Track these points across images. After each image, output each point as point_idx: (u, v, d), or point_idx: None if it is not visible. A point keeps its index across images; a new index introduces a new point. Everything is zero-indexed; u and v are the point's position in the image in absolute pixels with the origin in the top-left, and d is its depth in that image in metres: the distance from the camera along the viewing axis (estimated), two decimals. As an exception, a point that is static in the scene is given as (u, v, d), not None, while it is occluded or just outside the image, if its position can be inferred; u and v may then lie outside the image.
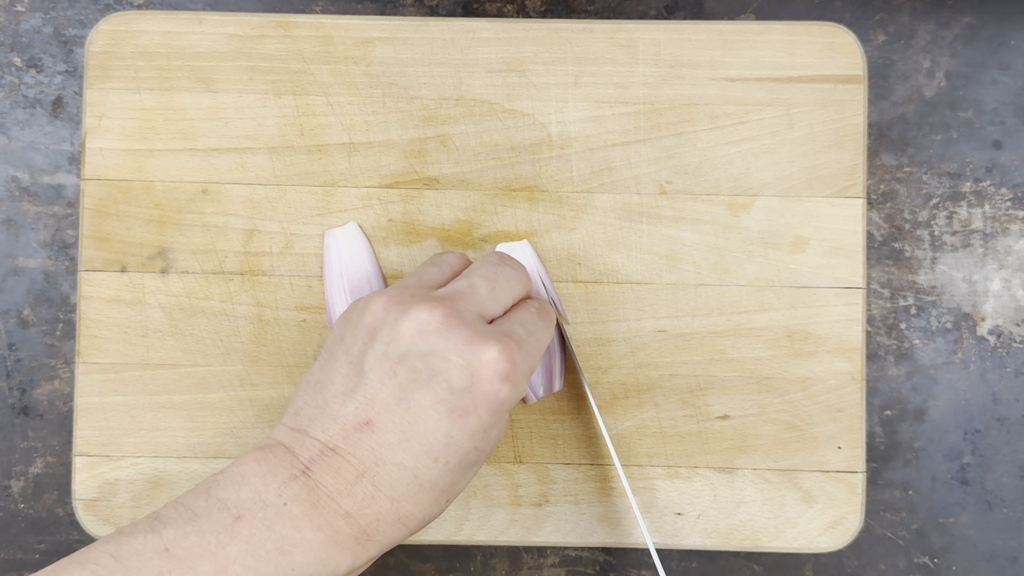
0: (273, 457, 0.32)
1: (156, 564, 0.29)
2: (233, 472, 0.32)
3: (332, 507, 0.31)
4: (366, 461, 0.32)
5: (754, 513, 0.43)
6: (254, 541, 0.30)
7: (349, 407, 0.32)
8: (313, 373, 0.35)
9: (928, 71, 0.46)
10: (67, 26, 0.46)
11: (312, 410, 0.33)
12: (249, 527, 0.30)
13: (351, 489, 0.32)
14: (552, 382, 0.42)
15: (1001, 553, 0.45)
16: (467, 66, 0.43)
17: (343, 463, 0.32)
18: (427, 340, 0.32)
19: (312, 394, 0.34)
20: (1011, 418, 0.45)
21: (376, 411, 0.32)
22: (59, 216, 0.45)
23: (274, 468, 0.32)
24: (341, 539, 0.31)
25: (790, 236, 0.43)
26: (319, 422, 0.33)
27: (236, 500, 0.31)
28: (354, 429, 0.32)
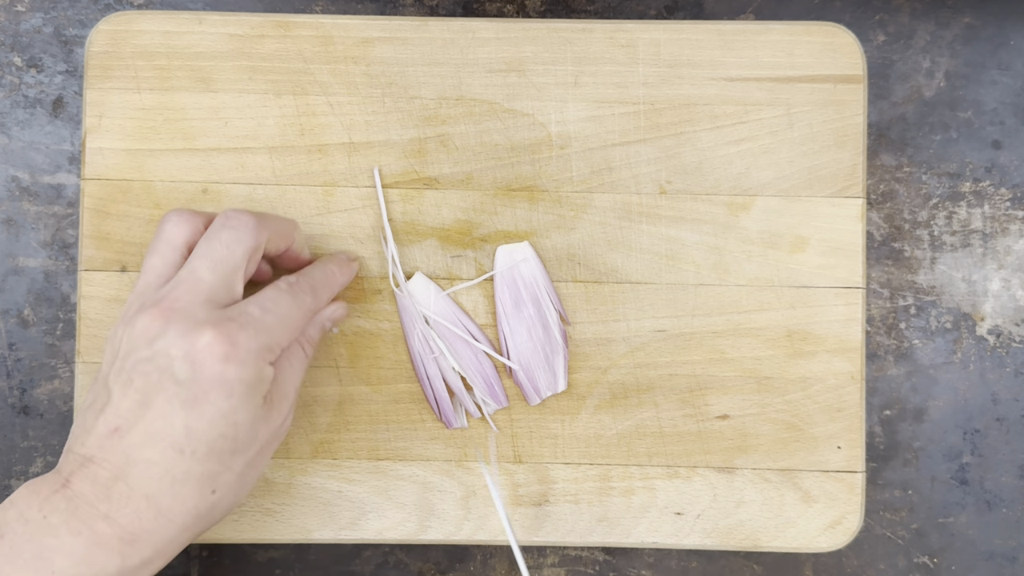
0: (41, 480, 0.34)
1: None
2: (5, 501, 0.34)
3: (91, 512, 0.32)
4: (118, 464, 0.33)
5: (754, 513, 0.43)
6: (12, 553, 0.32)
7: (100, 420, 0.34)
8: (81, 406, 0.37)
9: (928, 71, 0.46)
10: (67, 26, 0.46)
11: (76, 430, 0.35)
12: (9, 543, 0.32)
13: (107, 492, 0.33)
14: (556, 382, 0.42)
15: (1000, 553, 0.45)
16: (467, 66, 0.43)
17: (99, 470, 0.33)
18: (151, 344, 0.33)
19: (78, 418, 0.35)
20: (1010, 418, 0.45)
21: (123, 418, 0.33)
22: (59, 216, 0.46)
23: (38, 488, 0.33)
24: (103, 540, 0.32)
25: (790, 236, 0.43)
26: (79, 438, 0.34)
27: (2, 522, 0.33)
28: (105, 437, 0.33)
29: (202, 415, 0.33)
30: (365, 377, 0.43)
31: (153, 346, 0.33)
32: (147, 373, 0.33)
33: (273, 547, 0.45)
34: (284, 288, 0.37)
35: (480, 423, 0.43)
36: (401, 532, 0.43)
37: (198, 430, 0.33)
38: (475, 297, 0.43)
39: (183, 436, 0.33)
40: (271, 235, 0.37)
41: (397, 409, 0.43)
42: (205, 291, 0.35)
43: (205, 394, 0.33)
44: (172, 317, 0.34)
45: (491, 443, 0.43)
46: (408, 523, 0.43)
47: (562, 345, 0.43)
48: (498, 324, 0.43)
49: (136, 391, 0.33)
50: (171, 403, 0.33)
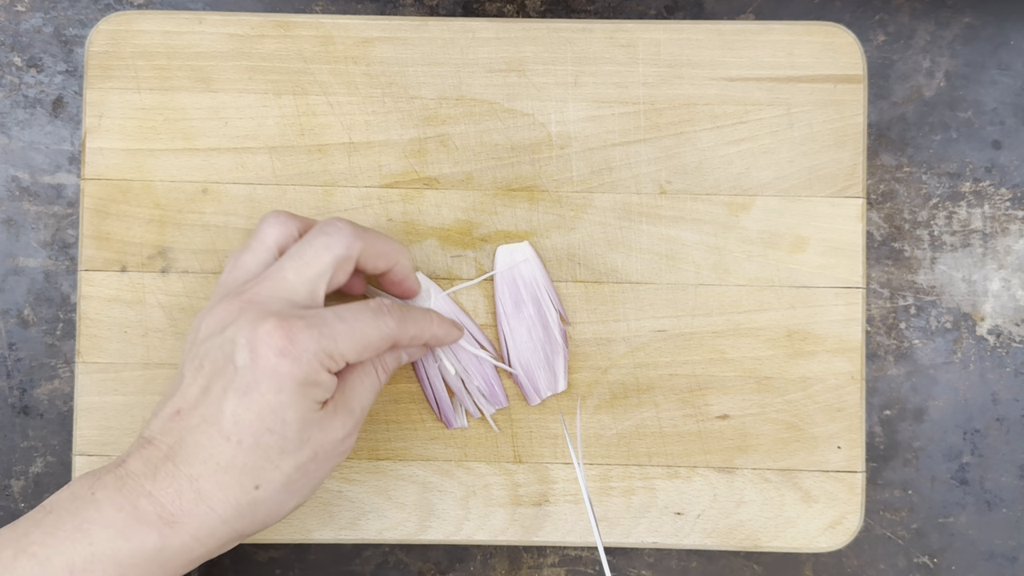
0: (102, 464, 0.35)
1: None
2: (66, 485, 0.35)
3: (136, 488, 0.33)
4: (171, 444, 0.34)
5: (754, 513, 0.43)
6: (55, 526, 0.32)
7: (168, 405, 0.35)
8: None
9: (928, 71, 0.46)
10: (67, 26, 0.46)
11: (150, 416, 0.36)
12: (56, 516, 0.33)
13: (155, 471, 0.33)
14: (556, 382, 0.42)
15: (1000, 553, 0.45)
16: (467, 66, 0.43)
17: (153, 450, 0.34)
18: (223, 330, 0.34)
19: (156, 406, 0.36)
20: (1010, 418, 0.45)
21: (186, 402, 0.34)
22: (59, 216, 0.45)
23: (97, 471, 0.34)
24: (144, 517, 0.33)
25: (790, 236, 0.43)
26: (148, 423, 0.35)
27: (54, 501, 0.34)
28: (167, 419, 0.34)
29: (251, 405, 0.33)
30: (365, 377, 0.43)
31: (224, 332, 0.34)
32: (215, 359, 0.34)
33: (273, 547, 0.45)
34: (371, 306, 0.36)
35: (480, 423, 0.43)
36: (401, 532, 0.43)
37: (246, 420, 0.33)
38: (475, 297, 0.43)
39: (231, 423, 0.33)
40: (367, 250, 0.37)
41: (397, 409, 0.43)
42: (286, 289, 0.35)
43: (257, 384, 0.33)
44: (247, 307, 0.34)
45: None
46: (408, 523, 0.43)
47: (562, 345, 0.43)
48: (498, 324, 0.43)
49: (203, 375, 0.34)
50: (226, 389, 0.33)
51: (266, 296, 0.35)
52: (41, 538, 0.32)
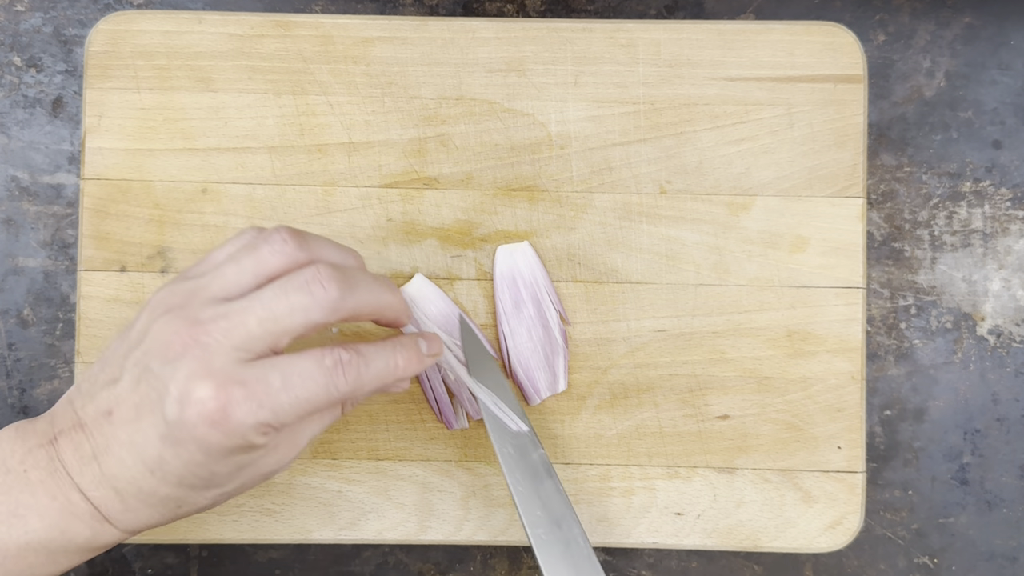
0: (31, 426, 0.34)
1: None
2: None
3: (67, 481, 0.33)
4: (100, 445, 0.33)
5: (754, 513, 0.43)
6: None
7: (104, 393, 0.33)
8: (108, 348, 0.35)
9: (928, 71, 0.46)
10: (67, 26, 0.46)
11: (87, 384, 0.34)
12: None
13: (84, 468, 0.33)
14: (556, 382, 0.42)
15: (1001, 553, 0.45)
16: (467, 66, 0.43)
17: (84, 441, 0.33)
18: (166, 361, 0.32)
19: (96, 369, 0.35)
20: (1011, 418, 0.45)
21: (118, 407, 0.33)
22: (59, 216, 0.45)
23: (25, 435, 0.33)
24: (77, 511, 0.32)
25: (790, 236, 0.43)
26: (84, 396, 0.34)
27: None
28: (101, 414, 0.33)
29: (176, 455, 0.32)
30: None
31: (164, 367, 0.31)
32: (150, 388, 0.32)
33: (273, 547, 0.45)
34: (327, 366, 0.32)
35: (480, 424, 0.43)
36: (401, 532, 0.43)
37: (172, 464, 0.32)
38: (475, 297, 0.43)
39: (156, 462, 0.32)
40: (357, 312, 0.33)
41: (397, 409, 0.43)
42: (243, 338, 0.31)
43: (183, 442, 0.31)
44: (192, 348, 0.31)
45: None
46: (408, 523, 0.43)
47: (562, 345, 0.42)
48: (498, 324, 0.43)
49: (137, 395, 0.32)
50: (154, 428, 0.32)
51: (217, 340, 0.31)
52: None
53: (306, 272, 0.33)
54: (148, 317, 0.33)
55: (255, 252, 0.33)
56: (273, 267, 0.33)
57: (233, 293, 0.33)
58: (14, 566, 0.32)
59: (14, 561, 0.32)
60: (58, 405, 0.35)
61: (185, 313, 0.32)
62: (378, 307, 0.34)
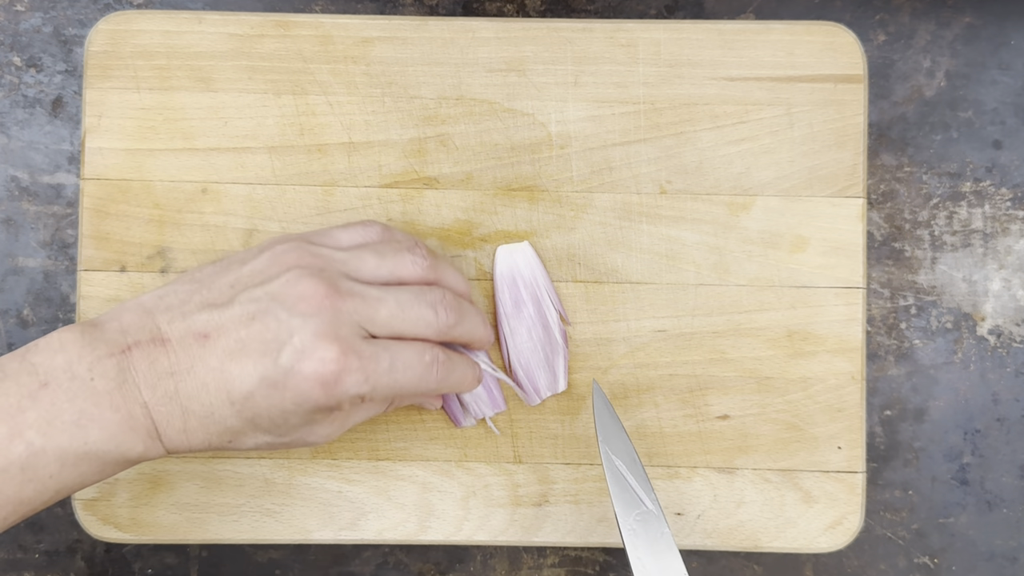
0: (98, 332, 0.33)
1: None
2: (54, 338, 0.33)
3: (134, 393, 0.33)
4: (182, 364, 0.33)
5: (754, 513, 0.43)
6: (54, 411, 0.32)
7: (202, 316, 0.34)
8: (202, 271, 0.36)
9: (928, 71, 0.46)
10: (67, 25, 0.46)
11: (174, 299, 0.35)
12: (52, 395, 0.32)
13: (156, 383, 0.33)
14: (556, 382, 0.42)
15: (1001, 553, 0.45)
16: (467, 66, 0.43)
17: (163, 357, 0.33)
18: (294, 312, 0.33)
19: (187, 287, 0.35)
20: (1011, 418, 0.45)
21: (218, 334, 0.33)
22: (59, 216, 0.45)
23: (94, 342, 0.33)
24: (136, 426, 0.33)
25: (790, 236, 0.43)
26: (171, 312, 0.34)
27: (47, 367, 0.32)
28: (192, 335, 0.33)
29: (268, 396, 0.33)
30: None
31: (292, 315, 0.33)
32: (266, 329, 0.33)
33: (273, 547, 0.45)
34: (426, 361, 0.36)
35: (481, 424, 0.43)
36: (401, 532, 0.43)
37: (257, 403, 0.33)
38: (475, 297, 0.43)
39: (242, 397, 0.33)
40: (458, 338, 0.38)
41: (397, 409, 0.43)
42: (368, 320, 0.34)
43: (284, 389, 0.33)
44: (327, 313, 0.33)
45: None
46: (408, 523, 0.43)
47: (562, 345, 0.42)
48: (498, 324, 0.43)
49: (248, 329, 0.33)
50: (257, 367, 0.33)
51: (350, 312, 0.34)
52: (38, 423, 0.32)
53: (435, 293, 0.37)
54: (274, 263, 0.35)
55: (398, 256, 0.37)
56: (408, 275, 0.37)
57: (367, 280, 0.36)
58: (68, 474, 0.32)
59: (70, 469, 0.32)
60: (127, 313, 0.34)
61: (326, 276, 0.34)
62: (472, 338, 0.38)
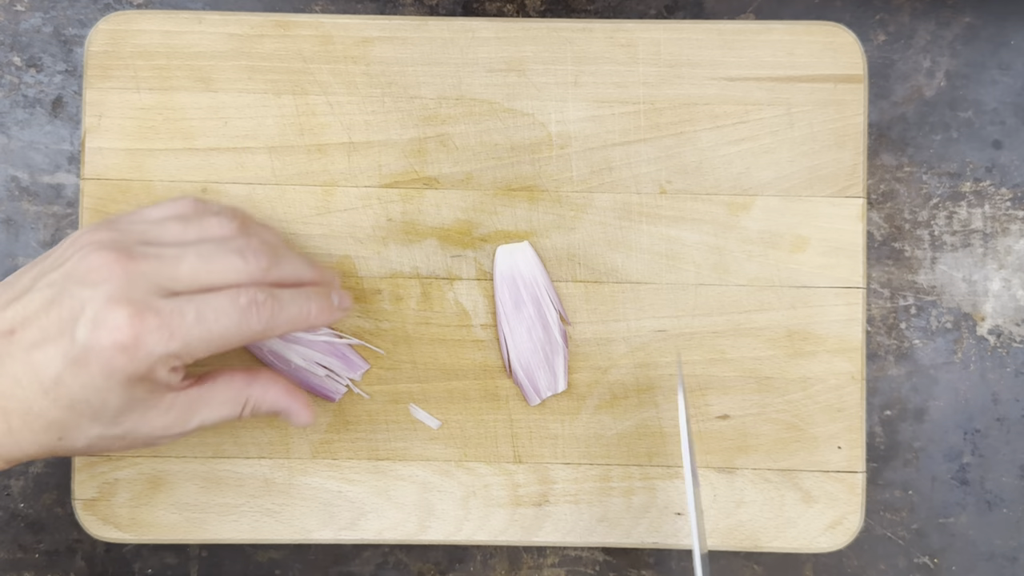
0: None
1: None
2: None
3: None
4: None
5: (754, 513, 0.43)
6: None
7: (8, 311, 0.33)
8: (14, 275, 0.35)
9: (928, 71, 0.46)
10: (67, 25, 0.46)
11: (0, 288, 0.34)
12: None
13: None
14: (556, 382, 0.42)
15: (1001, 553, 0.45)
16: (467, 66, 0.43)
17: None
18: (85, 284, 0.32)
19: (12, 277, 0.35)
20: (1011, 418, 0.45)
21: (21, 326, 0.33)
22: (59, 216, 0.45)
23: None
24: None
25: (790, 236, 0.43)
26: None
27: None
28: (1, 331, 0.33)
29: (76, 376, 0.32)
30: (364, 377, 0.43)
31: (83, 289, 0.32)
32: (62, 308, 0.32)
33: (273, 547, 0.45)
34: (241, 304, 0.34)
35: (480, 424, 0.43)
36: (401, 532, 0.43)
37: (68, 386, 0.32)
38: (475, 297, 0.43)
39: (52, 382, 0.32)
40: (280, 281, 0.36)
41: (396, 409, 0.43)
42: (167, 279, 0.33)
43: (87, 364, 0.32)
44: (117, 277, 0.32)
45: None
46: (408, 523, 0.43)
47: (562, 345, 0.42)
48: (498, 324, 0.43)
49: (48, 314, 0.32)
50: (59, 348, 0.32)
51: (143, 272, 0.33)
52: None
53: (241, 240, 0.35)
54: (71, 247, 0.34)
55: (203, 220, 0.36)
56: (214, 236, 0.35)
57: (171, 243, 0.35)
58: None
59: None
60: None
61: (117, 246, 0.33)
62: (299, 279, 0.37)
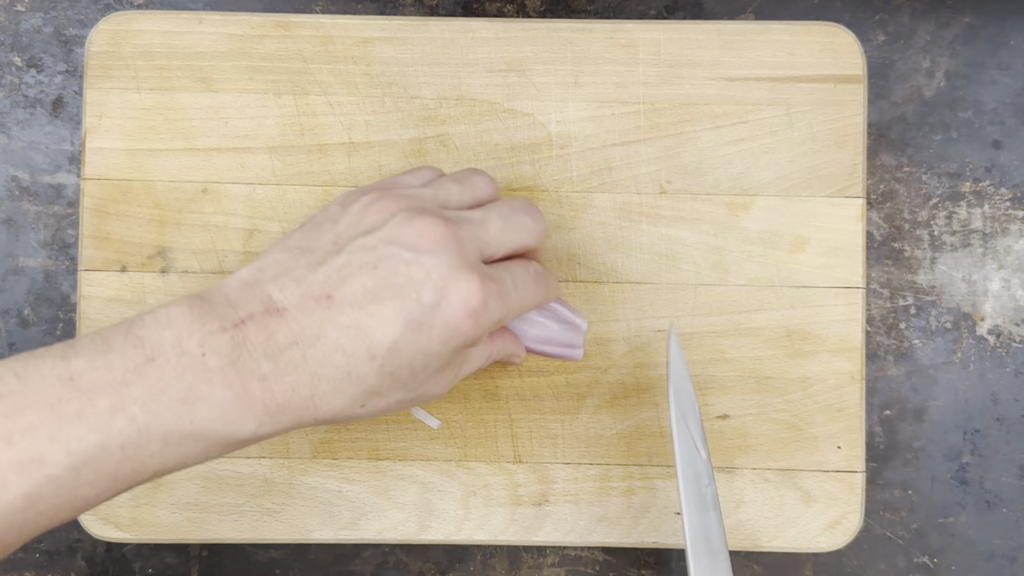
0: (207, 306, 0.31)
1: (56, 391, 0.28)
2: (161, 313, 0.31)
3: (251, 367, 0.30)
4: (308, 331, 0.31)
5: (754, 513, 0.43)
6: (160, 386, 0.29)
7: (318, 275, 0.32)
8: (292, 238, 0.34)
9: (928, 71, 0.46)
10: (67, 26, 0.46)
11: (278, 268, 0.33)
12: (159, 371, 0.29)
13: (278, 353, 0.31)
14: (579, 324, 0.41)
15: (1001, 553, 0.45)
16: (467, 66, 0.43)
17: (283, 326, 0.31)
18: (419, 251, 0.32)
19: (285, 255, 0.33)
20: (1010, 418, 0.45)
21: (342, 290, 0.32)
22: (59, 216, 0.46)
23: (204, 317, 0.31)
24: (251, 402, 0.30)
25: (790, 236, 0.43)
26: (281, 280, 0.32)
27: (155, 341, 0.30)
28: (313, 298, 0.32)
29: (414, 340, 0.32)
30: (365, 377, 0.43)
31: (420, 254, 0.32)
32: (396, 272, 0.32)
33: (273, 547, 0.45)
34: (532, 274, 0.36)
35: (479, 424, 0.43)
36: (401, 532, 0.43)
37: (401, 351, 0.32)
38: (475, 297, 0.43)
39: (385, 348, 0.31)
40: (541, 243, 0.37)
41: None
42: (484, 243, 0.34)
43: (431, 328, 0.32)
44: (453, 243, 0.33)
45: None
46: (408, 523, 0.43)
47: (570, 314, 0.41)
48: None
49: (372, 278, 0.32)
50: (399, 313, 0.31)
51: (469, 239, 0.33)
52: (143, 398, 0.29)
53: (520, 200, 0.37)
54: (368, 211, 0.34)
55: (472, 178, 0.37)
56: (485, 194, 0.37)
57: (458, 206, 0.36)
58: (170, 453, 0.30)
59: (173, 449, 0.30)
60: (231, 289, 0.32)
61: (433, 212, 0.34)
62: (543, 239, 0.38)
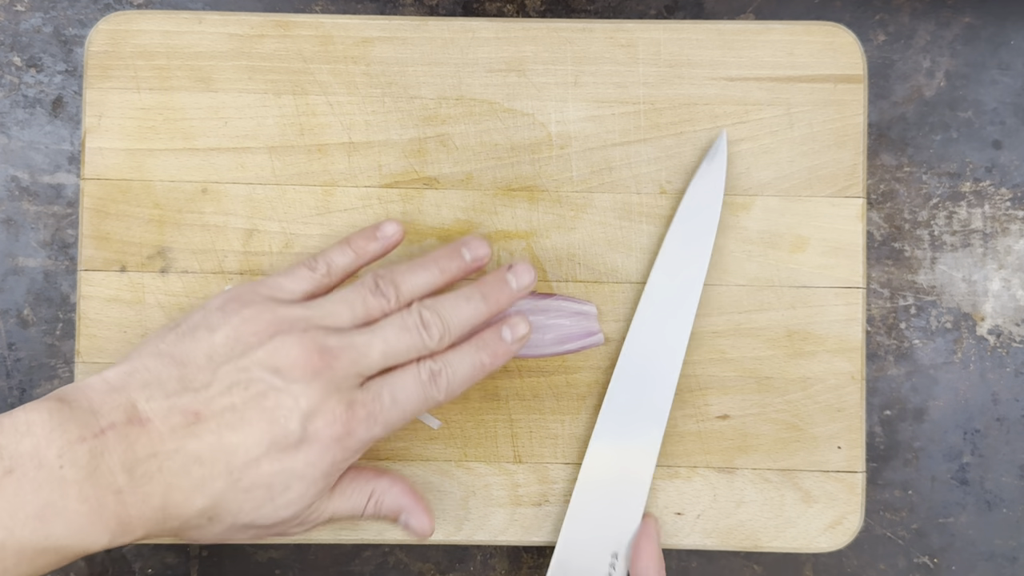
0: (68, 411, 0.31)
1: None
2: (20, 418, 0.31)
3: (107, 479, 0.30)
4: (169, 444, 0.31)
5: (754, 513, 0.43)
6: (17, 501, 0.29)
7: (186, 396, 0.32)
8: (164, 341, 0.34)
9: (928, 71, 0.46)
10: (67, 26, 0.46)
11: (148, 376, 0.33)
12: (16, 484, 0.29)
13: (135, 465, 0.31)
14: (588, 311, 0.42)
15: (1001, 553, 0.45)
16: (467, 66, 0.43)
17: (144, 437, 0.31)
18: (291, 379, 0.33)
19: (156, 362, 0.33)
20: (1011, 418, 0.45)
21: (210, 408, 0.32)
22: (59, 216, 0.45)
23: (65, 423, 0.31)
24: (105, 516, 0.30)
25: (790, 236, 0.43)
26: (149, 390, 0.32)
27: (13, 451, 0.30)
28: (179, 412, 0.32)
29: (277, 462, 0.32)
30: (365, 377, 0.43)
31: (291, 382, 0.33)
32: (265, 396, 0.33)
33: (273, 547, 0.45)
34: (423, 380, 0.35)
35: (479, 424, 0.43)
36: (401, 532, 0.43)
37: (263, 472, 0.32)
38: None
39: (245, 466, 0.32)
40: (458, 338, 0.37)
41: (397, 409, 0.43)
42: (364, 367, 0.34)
43: (296, 454, 0.33)
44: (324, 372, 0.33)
45: None
46: (408, 523, 0.43)
47: (579, 306, 0.42)
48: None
49: (243, 398, 0.32)
50: (264, 436, 0.32)
51: (345, 366, 0.34)
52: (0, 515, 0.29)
53: (413, 315, 0.36)
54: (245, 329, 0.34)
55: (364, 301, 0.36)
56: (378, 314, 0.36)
57: (343, 327, 0.35)
58: (24, 568, 0.30)
59: (26, 564, 0.30)
60: (95, 392, 0.32)
61: (310, 337, 0.34)
62: (475, 322, 0.37)
